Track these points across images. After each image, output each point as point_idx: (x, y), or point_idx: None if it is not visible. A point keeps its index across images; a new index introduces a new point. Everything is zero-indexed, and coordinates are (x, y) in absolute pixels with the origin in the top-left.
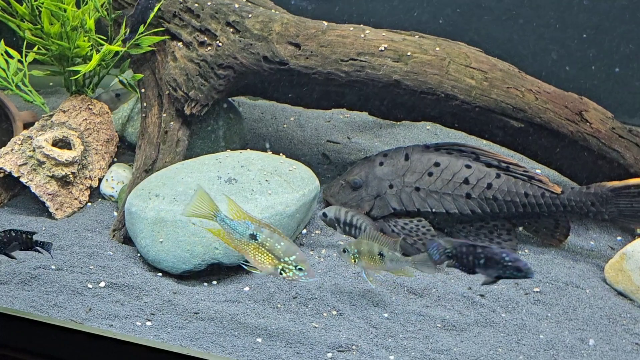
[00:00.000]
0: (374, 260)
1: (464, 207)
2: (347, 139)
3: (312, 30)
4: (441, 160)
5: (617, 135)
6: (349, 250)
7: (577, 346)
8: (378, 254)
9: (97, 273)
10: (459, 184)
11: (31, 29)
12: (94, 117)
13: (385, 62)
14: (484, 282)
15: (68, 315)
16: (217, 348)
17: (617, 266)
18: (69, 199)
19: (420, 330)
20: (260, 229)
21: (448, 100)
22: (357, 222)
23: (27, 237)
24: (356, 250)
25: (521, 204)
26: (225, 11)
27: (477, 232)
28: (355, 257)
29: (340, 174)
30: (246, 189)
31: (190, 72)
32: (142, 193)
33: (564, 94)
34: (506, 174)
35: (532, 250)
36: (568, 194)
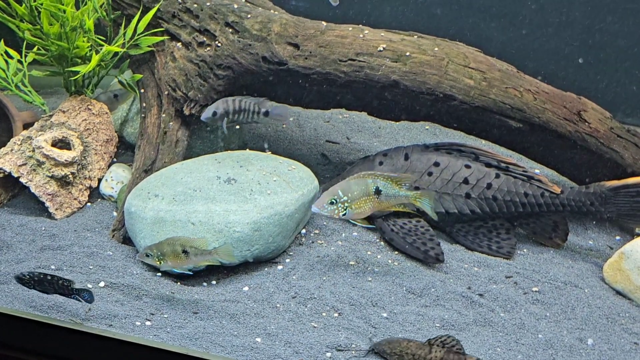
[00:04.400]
0: (179, 258)
1: (464, 207)
2: (346, 139)
3: (311, 31)
4: (441, 160)
5: (615, 135)
6: (152, 255)
7: (576, 345)
8: (182, 252)
9: (96, 273)
10: (458, 184)
11: (30, 30)
12: (93, 118)
13: (384, 62)
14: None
15: (67, 315)
16: (217, 348)
17: (616, 265)
18: (69, 199)
19: (419, 330)
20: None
21: (447, 100)
22: (245, 105)
23: (64, 284)
24: (159, 252)
25: (521, 204)
26: (224, 12)
27: (475, 232)
28: (160, 259)
29: (339, 174)
30: (245, 189)
31: (190, 73)
32: (142, 193)
33: (563, 93)
34: (506, 174)
35: (530, 250)
36: (567, 194)
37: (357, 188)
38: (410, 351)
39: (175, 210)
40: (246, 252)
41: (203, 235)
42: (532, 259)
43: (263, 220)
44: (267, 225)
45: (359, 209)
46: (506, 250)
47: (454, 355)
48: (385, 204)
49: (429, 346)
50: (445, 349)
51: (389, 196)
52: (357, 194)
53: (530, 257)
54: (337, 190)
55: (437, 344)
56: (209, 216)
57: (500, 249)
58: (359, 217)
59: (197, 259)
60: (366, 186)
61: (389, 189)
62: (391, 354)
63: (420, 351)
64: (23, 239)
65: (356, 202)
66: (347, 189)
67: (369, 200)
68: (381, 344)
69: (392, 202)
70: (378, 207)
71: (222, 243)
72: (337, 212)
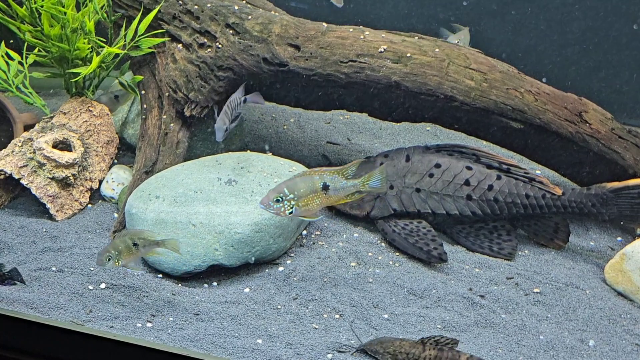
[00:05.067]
0: (132, 252)
1: (465, 208)
2: (347, 140)
3: (312, 32)
4: (442, 162)
5: (616, 136)
6: (113, 257)
7: (577, 347)
8: (133, 245)
9: (97, 274)
10: (459, 186)
11: (31, 31)
12: (94, 119)
13: (384, 63)
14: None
15: (69, 317)
16: (218, 349)
17: (617, 267)
18: (70, 201)
19: (420, 332)
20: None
21: (447, 101)
22: (233, 104)
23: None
24: (116, 252)
25: (522, 206)
26: (225, 13)
27: (476, 233)
28: (118, 259)
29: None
30: (246, 190)
31: (190, 74)
32: (143, 195)
33: (564, 94)
34: (507, 176)
35: (532, 251)
36: (568, 195)
37: (304, 185)
38: (404, 350)
39: (176, 212)
40: (247, 253)
41: (204, 237)
42: (533, 260)
43: (264, 222)
44: (268, 226)
45: (307, 206)
46: (507, 252)
47: (447, 352)
48: (334, 198)
49: (422, 344)
50: (438, 347)
51: (337, 189)
52: (303, 192)
53: (532, 258)
54: (282, 188)
55: (430, 342)
56: (209, 217)
57: (501, 250)
58: (308, 214)
59: (146, 250)
60: (313, 183)
61: (337, 182)
62: (384, 354)
63: (414, 350)
64: (24, 241)
65: (303, 200)
66: (293, 187)
67: (316, 196)
68: (373, 343)
69: (342, 194)
70: (327, 203)
71: (222, 244)
72: (283, 210)
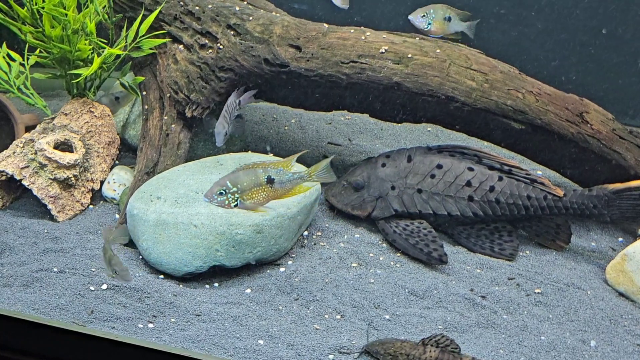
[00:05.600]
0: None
1: (466, 209)
2: (348, 141)
3: (313, 33)
4: (444, 163)
5: (617, 137)
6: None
7: (579, 347)
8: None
9: (99, 275)
10: (461, 187)
11: (32, 32)
12: (95, 120)
13: (385, 64)
14: None
15: (70, 318)
16: (219, 350)
17: (619, 267)
18: (71, 202)
19: (421, 332)
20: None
21: (449, 102)
22: (230, 107)
23: None
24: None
25: (523, 207)
26: (226, 14)
27: (478, 234)
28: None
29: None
30: None
31: (192, 75)
32: (144, 195)
33: (565, 95)
34: (508, 177)
35: (533, 252)
36: (570, 197)
37: (247, 179)
38: (405, 351)
39: (178, 213)
40: (248, 254)
41: (206, 238)
42: (535, 261)
43: (265, 223)
44: (269, 227)
45: (252, 199)
46: (508, 252)
47: (448, 354)
48: (281, 191)
49: (423, 346)
50: (439, 349)
51: (283, 182)
52: (247, 185)
53: (533, 259)
54: (225, 181)
55: (431, 343)
56: (211, 218)
57: (502, 251)
58: (255, 207)
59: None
60: (256, 176)
61: (282, 174)
62: (385, 355)
63: (414, 351)
64: (25, 242)
65: (247, 193)
66: (235, 180)
67: (262, 190)
68: (374, 344)
69: (289, 186)
70: (275, 196)
71: (224, 245)
72: (227, 203)
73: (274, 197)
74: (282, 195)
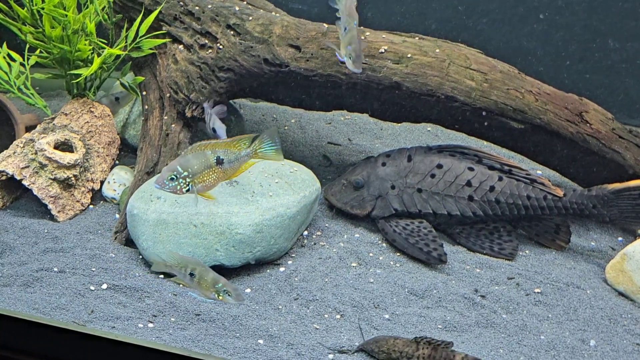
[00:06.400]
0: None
1: (466, 209)
2: (348, 141)
3: (313, 33)
4: (444, 162)
5: (617, 136)
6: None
7: (578, 347)
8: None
9: (99, 275)
10: (461, 186)
11: (33, 33)
12: (95, 120)
13: (385, 64)
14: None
15: (70, 317)
16: (219, 349)
17: (618, 267)
18: (71, 202)
19: (421, 332)
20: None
21: (448, 101)
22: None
23: None
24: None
25: (523, 207)
26: (226, 14)
27: (477, 234)
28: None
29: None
30: (247, 190)
31: (191, 75)
32: (144, 195)
33: (564, 95)
34: (508, 177)
35: (532, 251)
36: (570, 197)
37: (197, 162)
38: (398, 349)
39: (178, 213)
40: (248, 254)
41: (205, 238)
42: (534, 260)
43: (265, 222)
44: (269, 227)
45: (204, 182)
46: (508, 252)
47: (441, 351)
48: (230, 171)
49: (416, 343)
50: (432, 346)
51: (232, 162)
52: (197, 168)
53: (532, 259)
54: (175, 166)
55: (424, 341)
56: (211, 218)
57: (502, 251)
58: (206, 190)
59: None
60: (206, 158)
61: (230, 154)
62: (379, 352)
63: (407, 348)
64: (26, 242)
65: (199, 176)
66: (186, 164)
67: (212, 172)
68: (369, 343)
69: (237, 166)
70: (225, 177)
71: (223, 244)
72: (179, 188)
73: (224, 178)
74: (230, 176)
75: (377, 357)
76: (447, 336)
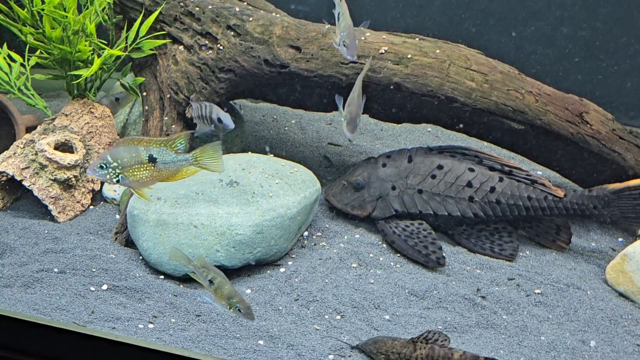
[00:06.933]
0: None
1: (467, 210)
2: (348, 142)
3: (313, 34)
4: (444, 163)
5: (617, 137)
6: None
7: (579, 348)
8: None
9: (99, 276)
10: (462, 187)
11: (33, 34)
12: (96, 121)
13: (385, 64)
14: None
15: (71, 318)
16: (219, 350)
17: (619, 267)
18: (72, 202)
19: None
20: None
21: (448, 102)
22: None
23: None
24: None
25: (524, 207)
26: (226, 15)
27: (478, 235)
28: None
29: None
30: (247, 191)
31: (192, 76)
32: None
33: (565, 95)
34: (509, 178)
35: (533, 252)
36: (570, 197)
37: (127, 155)
38: (396, 350)
39: (178, 213)
40: (248, 254)
41: (206, 238)
42: (535, 261)
43: (265, 223)
44: (269, 227)
45: (134, 177)
46: (508, 253)
47: (439, 349)
48: (166, 172)
49: (413, 344)
50: (429, 345)
51: (166, 163)
52: (127, 161)
53: (533, 259)
54: (106, 155)
55: (420, 340)
56: (211, 219)
57: (502, 251)
58: (141, 186)
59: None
60: (137, 153)
61: (165, 155)
62: (377, 354)
63: (405, 349)
64: (26, 242)
65: (129, 170)
66: (116, 155)
67: (144, 168)
68: (367, 343)
69: (173, 168)
70: (160, 177)
71: (224, 245)
72: (108, 177)
73: (160, 179)
74: (168, 178)
75: (375, 358)
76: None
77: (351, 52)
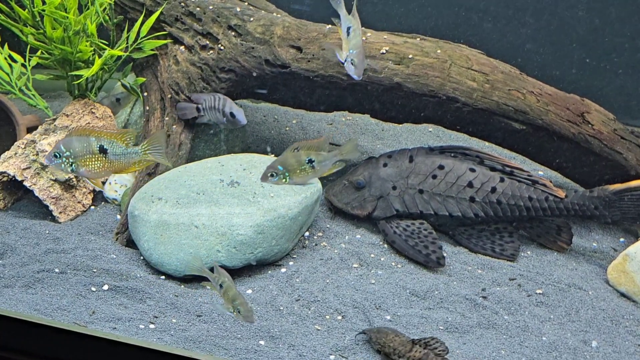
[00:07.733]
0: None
1: (468, 210)
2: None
3: (314, 34)
4: (445, 163)
5: (619, 137)
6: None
7: (580, 348)
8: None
9: (100, 276)
10: (462, 187)
11: (34, 34)
12: (97, 121)
13: (386, 64)
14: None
15: (72, 318)
16: (220, 350)
17: (620, 268)
18: (73, 203)
19: (422, 333)
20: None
21: (450, 102)
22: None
23: None
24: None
25: (525, 208)
26: (227, 15)
27: (479, 235)
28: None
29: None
30: (248, 191)
31: (193, 76)
32: (145, 196)
33: (566, 95)
34: (510, 178)
35: (534, 252)
36: (571, 198)
37: (79, 145)
38: (392, 345)
39: (179, 214)
40: (249, 255)
41: (207, 239)
42: (536, 261)
43: (266, 223)
44: (270, 228)
45: (86, 167)
46: (510, 253)
47: (434, 357)
48: (117, 164)
49: (412, 345)
50: (425, 351)
51: (117, 155)
52: (79, 151)
53: (534, 260)
54: (60, 145)
55: (419, 344)
56: (212, 219)
57: (503, 252)
58: (94, 176)
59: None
60: (88, 144)
61: (115, 147)
62: (375, 343)
63: (401, 347)
64: (27, 242)
65: (81, 160)
66: (68, 144)
67: (95, 159)
68: (372, 330)
69: (124, 161)
70: (112, 168)
71: (225, 245)
72: (63, 166)
73: (113, 170)
74: (121, 170)
75: (372, 347)
76: (449, 337)
77: (358, 72)
